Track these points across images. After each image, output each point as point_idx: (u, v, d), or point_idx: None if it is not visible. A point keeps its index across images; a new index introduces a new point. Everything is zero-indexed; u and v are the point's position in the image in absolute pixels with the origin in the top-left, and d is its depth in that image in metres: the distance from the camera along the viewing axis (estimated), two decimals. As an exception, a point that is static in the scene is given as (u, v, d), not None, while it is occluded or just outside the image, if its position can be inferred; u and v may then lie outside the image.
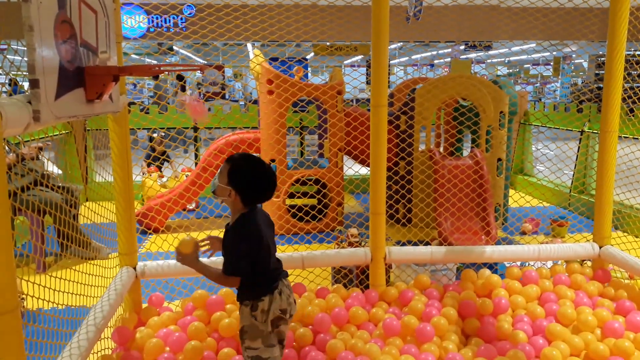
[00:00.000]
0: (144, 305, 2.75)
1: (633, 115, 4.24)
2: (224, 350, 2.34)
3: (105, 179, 2.67)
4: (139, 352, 2.36)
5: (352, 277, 3.43)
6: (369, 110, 2.88)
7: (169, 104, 8.32)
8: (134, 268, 2.68)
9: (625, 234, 3.84)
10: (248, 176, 1.80)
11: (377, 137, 2.83)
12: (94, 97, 1.79)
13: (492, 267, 3.49)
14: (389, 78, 2.93)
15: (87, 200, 5.24)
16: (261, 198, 1.87)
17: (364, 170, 5.80)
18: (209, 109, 7.17)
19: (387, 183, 2.94)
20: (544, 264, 3.36)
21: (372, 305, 2.79)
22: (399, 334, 2.50)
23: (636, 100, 3.47)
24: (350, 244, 3.67)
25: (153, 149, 6.11)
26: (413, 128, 5.17)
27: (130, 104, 2.63)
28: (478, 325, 2.62)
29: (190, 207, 6.16)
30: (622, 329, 2.49)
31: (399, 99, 5.57)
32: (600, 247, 3.13)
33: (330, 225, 5.33)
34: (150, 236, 4.93)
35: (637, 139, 3.74)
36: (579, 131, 6.35)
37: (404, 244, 3.50)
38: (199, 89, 11.52)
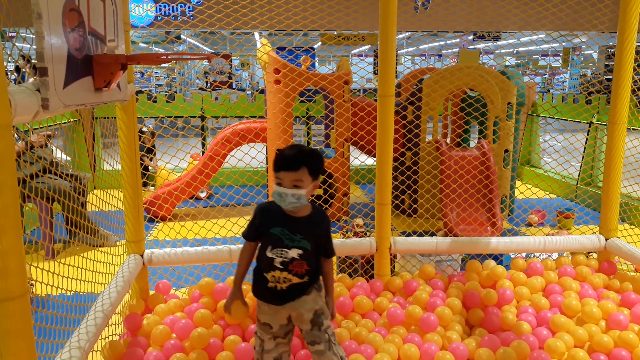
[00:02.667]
0: (151, 293, 2.79)
1: (643, 107, 4.21)
2: (230, 337, 2.36)
3: (113, 167, 2.69)
4: (145, 339, 2.39)
5: (357, 267, 3.45)
6: (375, 100, 2.87)
7: (176, 92, 8.33)
8: (142, 255, 2.71)
9: (632, 226, 3.82)
10: (322, 162, 1.87)
11: (383, 127, 2.82)
12: (102, 86, 1.80)
13: (497, 258, 3.50)
14: (396, 68, 2.92)
15: (95, 188, 5.28)
16: None
17: (370, 161, 5.80)
18: (216, 98, 7.17)
19: (393, 173, 2.94)
20: (549, 256, 3.36)
21: (377, 295, 2.80)
22: (403, 323, 2.52)
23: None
24: (356, 234, 3.69)
25: (142, 146, 6.02)
26: (420, 118, 5.15)
27: (137, 92, 2.64)
28: (482, 316, 2.63)
29: (202, 196, 6.19)
30: (627, 321, 2.49)
31: (406, 89, 5.55)
32: (606, 240, 3.12)
33: (335, 215, 5.34)
34: (157, 224, 4.97)
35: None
36: (587, 123, 6.30)
37: (409, 235, 3.51)
38: (206, 77, 11.50)
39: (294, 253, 1.82)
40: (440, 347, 2.37)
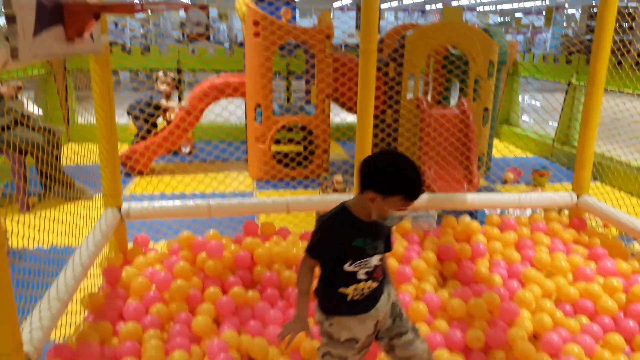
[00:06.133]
0: (130, 246, 2.79)
1: (621, 68, 4.25)
2: (210, 289, 2.40)
3: (87, 121, 2.63)
4: (125, 290, 2.41)
5: (336, 222, 3.49)
6: (357, 56, 2.83)
7: (151, 44, 8.08)
8: (119, 209, 2.69)
9: (604, 184, 3.94)
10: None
11: (365, 84, 2.79)
12: (74, 36, 1.73)
13: (473, 214, 3.58)
14: (379, 23, 2.86)
15: (69, 142, 5.16)
16: None
17: (350, 118, 5.78)
18: (193, 51, 6.98)
19: (373, 131, 2.94)
20: (523, 212, 3.45)
21: (355, 249, 2.85)
22: (380, 276, 2.59)
23: (625, 53, 3.46)
24: (335, 191, 3.72)
25: (159, 92, 5.63)
26: (402, 75, 5.11)
27: (111, 43, 2.55)
28: (456, 269, 2.71)
29: (186, 151, 6.11)
30: (593, 274, 2.60)
31: (389, 45, 5.47)
32: (578, 197, 3.21)
33: (315, 172, 5.36)
34: (134, 178, 4.93)
35: (622, 92, 3.76)
36: (566, 83, 6.35)
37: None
38: (183, 29, 11.14)
39: (375, 260, 1.65)
40: (414, 298, 2.45)
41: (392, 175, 1.53)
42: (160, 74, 5.58)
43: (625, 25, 3.43)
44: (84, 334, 2.02)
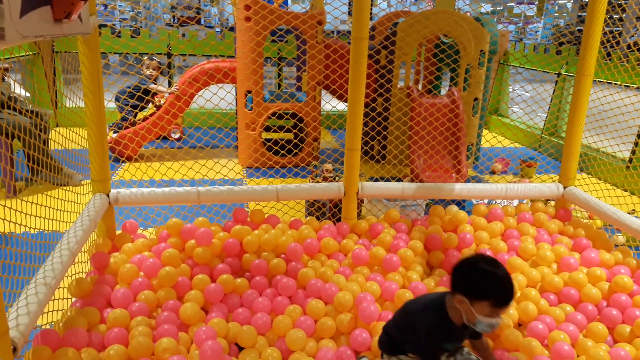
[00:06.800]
0: (118, 232, 2.78)
1: (610, 60, 4.27)
2: (198, 277, 2.40)
3: (76, 104, 2.59)
4: (113, 277, 2.41)
5: (325, 210, 3.51)
6: (349, 43, 2.82)
7: (141, 27, 7.96)
8: (107, 195, 2.68)
9: (590, 176, 3.98)
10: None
11: (356, 71, 2.79)
12: (62, 17, 1.70)
13: (460, 204, 3.61)
14: (371, 9, 2.85)
15: (57, 126, 5.10)
16: None
17: (341, 106, 5.77)
18: (183, 35, 6.90)
19: (363, 119, 2.94)
20: (510, 203, 3.49)
21: (343, 237, 2.88)
22: (367, 263, 2.61)
23: (614, 45, 3.48)
24: (325, 179, 3.72)
25: (146, 78, 5.57)
26: (393, 63, 5.11)
27: (100, 26, 2.51)
28: (442, 258, 2.74)
29: (175, 137, 6.08)
30: (577, 264, 2.64)
31: (381, 32, 5.45)
32: (564, 188, 3.25)
33: (305, 160, 5.36)
34: (123, 164, 4.89)
35: (611, 83, 3.78)
36: (555, 73, 6.38)
37: (377, 180, 3.56)
38: (173, 12, 10.98)
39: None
40: (401, 286, 2.48)
41: (481, 279, 1.56)
42: (147, 59, 5.55)
43: (616, 16, 3.45)
44: (71, 320, 2.02)
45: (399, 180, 3.70)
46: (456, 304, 1.60)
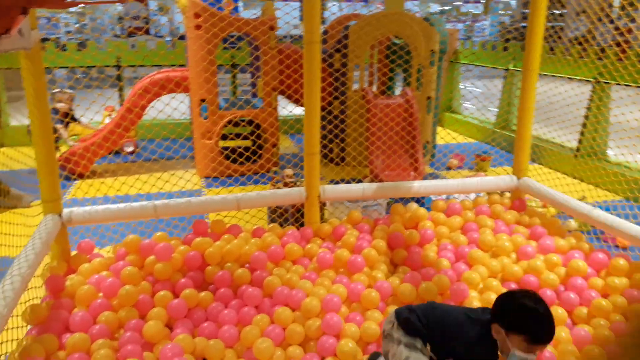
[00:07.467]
0: (73, 253, 2.67)
1: (553, 54, 4.45)
2: (160, 293, 2.34)
3: (21, 123, 2.49)
4: (70, 300, 2.31)
5: (288, 216, 3.49)
6: (302, 47, 2.82)
7: (88, 40, 7.74)
8: (59, 215, 2.57)
9: (541, 166, 4.13)
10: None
11: (310, 75, 2.79)
12: (1, 32, 1.63)
13: (420, 201, 3.67)
14: (322, 14, 2.86)
15: (2, 146, 4.87)
16: None
17: (298, 110, 5.77)
18: (133, 46, 6.75)
19: (321, 123, 2.95)
20: (467, 197, 3.57)
21: (307, 242, 2.87)
22: (332, 266, 2.61)
23: (556, 40, 3.63)
24: (286, 184, 3.71)
25: (56, 110, 5.06)
26: (347, 66, 5.15)
27: (43, 39, 2.42)
28: (405, 255, 2.78)
29: (129, 150, 5.90)
30: (534, 252, 2.73)
31: (333, 35, 5.49)
32: (518, 179, 3.36)
33: (265, 167, 5.32)
34: (75, 182, 4.72)
35: (555, 76, 3.95)
36: (504, 69, 6.59)
37: (337, 183, 3.57)
38: (121, 23, 10.72)
39: None
40: (367, 286, 2.49)
41: (519, 314, 1.59)
42: (57, 91, 5.02)
43: (557, 12, 3.59)
44: (28, 349, 1.92)
45: (359, 181, 3.73)
46: (494, 332, 1.66)
